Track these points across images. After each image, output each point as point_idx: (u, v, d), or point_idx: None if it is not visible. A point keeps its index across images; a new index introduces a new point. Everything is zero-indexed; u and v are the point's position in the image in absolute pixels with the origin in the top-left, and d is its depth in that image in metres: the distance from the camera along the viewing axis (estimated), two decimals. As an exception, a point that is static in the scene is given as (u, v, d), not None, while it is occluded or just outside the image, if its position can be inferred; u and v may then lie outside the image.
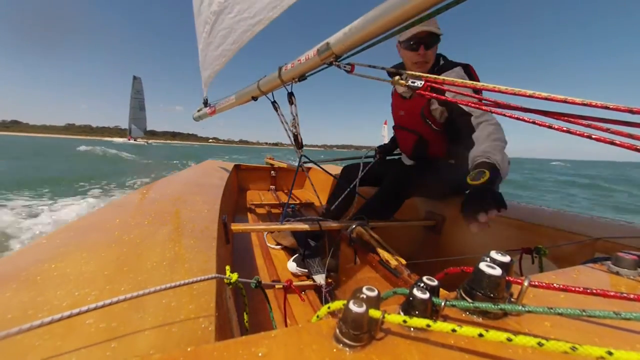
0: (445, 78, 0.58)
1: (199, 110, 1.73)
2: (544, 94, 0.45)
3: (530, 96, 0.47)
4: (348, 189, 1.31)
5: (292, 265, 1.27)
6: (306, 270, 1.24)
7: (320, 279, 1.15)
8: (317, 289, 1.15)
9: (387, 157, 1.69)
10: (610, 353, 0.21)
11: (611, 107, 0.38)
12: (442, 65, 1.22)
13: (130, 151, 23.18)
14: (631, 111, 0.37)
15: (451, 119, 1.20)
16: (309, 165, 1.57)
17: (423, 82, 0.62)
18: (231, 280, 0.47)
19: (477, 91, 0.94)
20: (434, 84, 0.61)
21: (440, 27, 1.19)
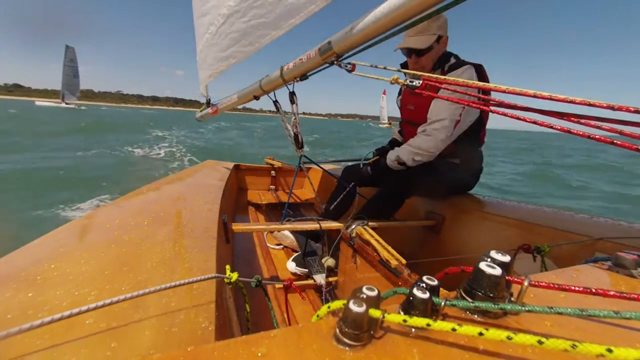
0: (447, 78, 0.58)
1: (201, 111, 1.73)
2: (546, 94, 0.45)
3: (533, 96, 0.46)
4: (347, 189, 1.31)
5: (291, 265, 1.27)
6: (306, 270, 1.24)
7: (320, 278, 1.15)
8: (317, 288, 1.15)
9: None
10: (610, 350, 0.21)
11: (616, 107, 0.38)
12: (451, 64, 1.22)
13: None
14: (637, 111, 0.37)
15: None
16: (309, 165, 1.56)
17: (421, 82, 0.62)
18: (231, 280, 0.47)
19: (485, 92, 0.96)
20: (431, 83, 0.61)
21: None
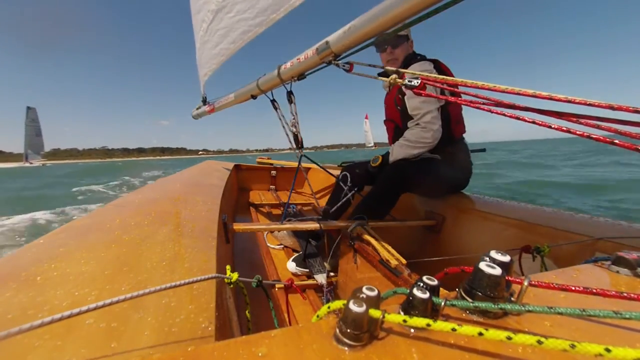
0: (445, 77, 0.58)
1: (197, 108, 1.73)
2: (545, 94, 0.45)
3: (532, 95, 0.46)
4: (346, 191, 1.32)
5: (291, 265, 1.27)
6: (306, 270, 1.24)
7: (321, 278, 1.15)
8: (317, 288, 1.15)
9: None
10: (608, 350, 0.21)
11: (615, 107, 0.38)
12: (409, 58, 1.35)
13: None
14: (637, 111, 0.37)
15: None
16: (309, 165, 1.56)
17: (420, 81, 0.62)
18: (232, 280, 0.47)
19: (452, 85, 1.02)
20: (429, 82, 0.61)
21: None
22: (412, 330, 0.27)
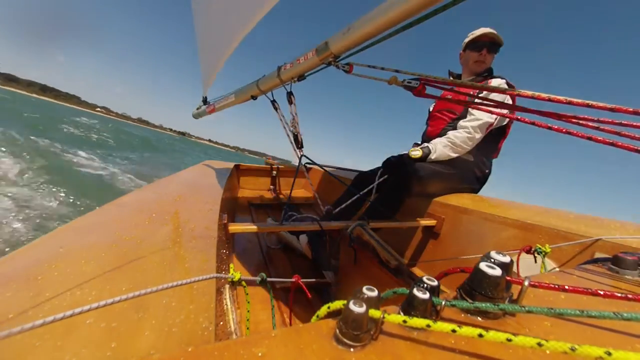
0: (445, 78, 0.59)
1: (198, 108, 1.73)
2: (545, 95, 0.45)
3: (531, 97, 0.47)
4: (356, 196, 1.33)
5: (303, 239, 1.28)
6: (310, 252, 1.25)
7: (329, 275, 1.15)
8: (318, 288, 1.15)
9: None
10: (609, 353, 0.21)
11: (615, 108, 0.38)
12: (490, 70, 1.49)
13: None
14: (637, 113, 0.37)
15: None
16: (310, 165, 1.56)
17: (419, 83, 0.62)
18: (234, 279, 0.47)
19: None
20: (428, 83, 0.61)
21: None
22: (412, 331, 0.27)
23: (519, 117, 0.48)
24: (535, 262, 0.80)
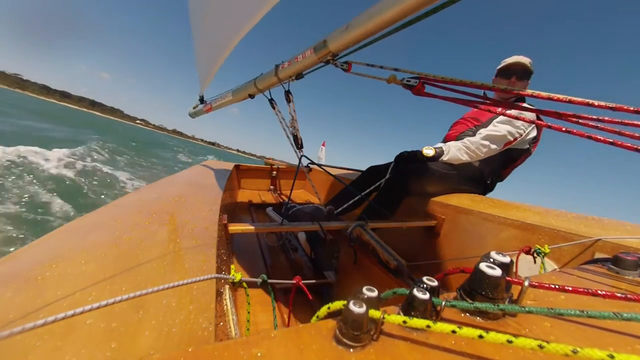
0: (444, 77, 0.58)
1: (194, 107, 1.72)
2: (545, 94, 0.45)
3: (531, 96, 0.46)
4: (357, 197, 1.33)
5: (302, 236, 1.28)
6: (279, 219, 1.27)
7: (330, 276, 1.15)
8: (318, 289, 1.15)
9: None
10: (611, 356, 0.21)
11: (615, 107, 0.38)
12: (521, 98, 1.41)
13: None
14: (637, 112, 0.37)
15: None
16: (309, 165, 1.56)
17: (418, 81, 0.62)
18: (235, 280, 0.47)
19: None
20: (428, 82, 0.61)
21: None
22: (412, 332, 0.27)
23: (520, 117, 0.48)
24: (535, 262, 0.80)
